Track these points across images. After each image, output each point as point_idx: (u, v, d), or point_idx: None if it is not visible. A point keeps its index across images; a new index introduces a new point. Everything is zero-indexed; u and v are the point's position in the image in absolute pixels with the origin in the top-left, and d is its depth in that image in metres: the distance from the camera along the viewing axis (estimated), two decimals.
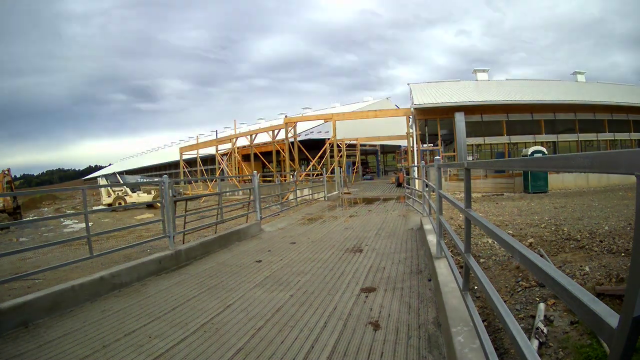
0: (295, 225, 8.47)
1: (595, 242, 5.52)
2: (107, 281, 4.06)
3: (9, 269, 8.52)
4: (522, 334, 1.34)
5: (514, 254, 1.36)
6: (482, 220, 1.88)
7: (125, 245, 6.13)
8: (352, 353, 2.48)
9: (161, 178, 5.36)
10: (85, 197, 4.41)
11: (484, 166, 4.12)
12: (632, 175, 0.71)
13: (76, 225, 17.86)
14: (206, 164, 33.38)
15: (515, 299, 4.17)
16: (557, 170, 6.28)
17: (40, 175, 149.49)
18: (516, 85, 21.77)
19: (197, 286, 4.15)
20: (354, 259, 5.04)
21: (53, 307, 3.44)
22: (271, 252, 5.75)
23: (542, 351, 3.29)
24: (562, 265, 4.74)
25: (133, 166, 58.86)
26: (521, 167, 2.10)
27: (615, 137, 19.03)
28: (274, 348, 2.59)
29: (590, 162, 0.90)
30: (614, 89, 21.88)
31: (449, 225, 3.33)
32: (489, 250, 5.83)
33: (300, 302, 3.49)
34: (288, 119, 21.13)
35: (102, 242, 11.42)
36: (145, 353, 2.61)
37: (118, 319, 3.28)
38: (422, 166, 7.52)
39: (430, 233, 5.15)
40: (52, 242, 5.82)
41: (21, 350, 2.74)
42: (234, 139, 25.71)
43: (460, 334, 2.14)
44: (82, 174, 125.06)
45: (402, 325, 2.86)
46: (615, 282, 3.94)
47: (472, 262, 2.11)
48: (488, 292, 1.73)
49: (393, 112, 20.48)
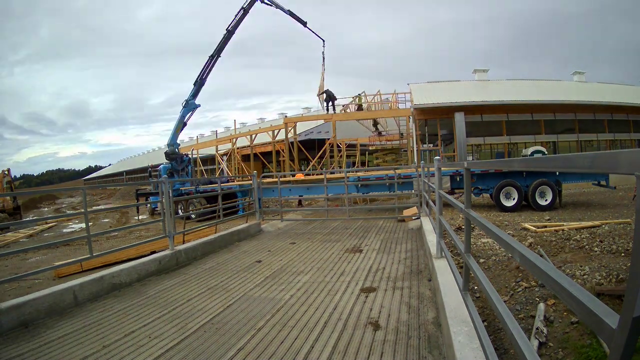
0: (295, 225, 8.47)
1: (595, 242, 5.52)
2: (107, 281, 4.06)
3: (9, 269, 8.52)
4: (522, 334, 1.34)
5: (514, 254, 1.36)
6: (482, 220, 1.88)
7: (125, 246, 6.12)
8: (352, 353, 2.47)
9: (161, 178, 5.37)
10: (85, 197, 4.41)
11: (484, 166, 4.12)
12: (632, 175, 0.71)
13: (76, 225, 17.87)
14: (206, 164, 33.38)
15: (515, 299, 4.18)
16: (557, 171, 6.29)
17: (40, 175, 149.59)
18: (516, 85, 21.77)
19: (197, 286, 4.15)
20: (354, 259, 5.04)
21: (53, 307, 3.44)
22: (271, 252, 5.75)
23: (542, 351, 3.29)
24: (562, 265, 4.75)
25: (133, 166, 58.86)
26: (521, 167, 2.10)
27: (615, 137, 19.04)
28: (274, 348, 2.59)
29: (590, 162, 0.90)
30: (614, 89, 21.87)
31: (449, 226, 3.33)
32: (489, 250, 5.83)
33: (300, 302, 3.49)
34: (288, 119, 21.14)
35: (102, 242, 11.43)
36: (145, 353, 2.61)
37: (118, 319, 3.28)
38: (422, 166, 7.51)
39: (430, 233, 5.15)
40: (52, 242, 5.82)
41: (21, 350, 2.74)
42: (234, 139, 25.71)
43: (460, 334, 2.14)
44: (82, 174, 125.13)
45: (402, 325, 2.86)
46: (615, 282, 3.94)
47: (472, 262, 2.11)
48: (488, 292, 1.73)
49: (393, 112, 20.45)
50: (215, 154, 27.74)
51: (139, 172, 52.44)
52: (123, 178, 59.81)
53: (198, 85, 16.64)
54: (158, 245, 7.33)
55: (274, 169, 23.68)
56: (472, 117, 17.89)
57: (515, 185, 10.26)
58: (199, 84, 16.66)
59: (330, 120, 20.18)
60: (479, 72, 23.60)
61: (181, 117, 16.56)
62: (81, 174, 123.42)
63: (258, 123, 38.25)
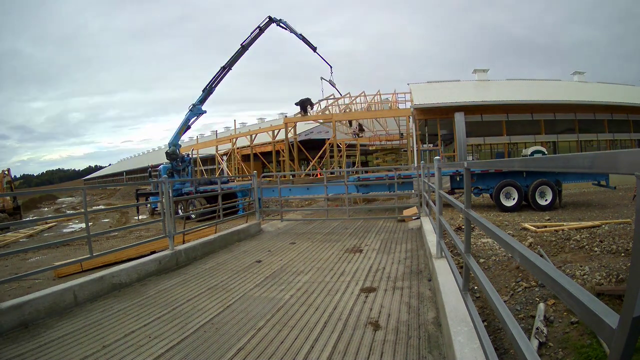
0: (295, 225, 8.47)
1: (595, 242, 5.52)
2: (107, 281, 4.06)
3: (9, 269, 8.52)
4: (522, 334, 1.34)
5: (514, 254, 1.36)
6: (482, 220, 1.88)
7: (125, 246, 6.12)
8: (352, 353, 2.47)
9: (161, 178, 5.37)
10: (85, 197, 4.41)
11: (484, 166, 4.13)
12: (632, 175, 0.71)
13: (76, 225, 17.87)
14: (206, 164, 33.36)
15: (515, 299, 4.17)
16: (557, 171, 6.29)
17: (40, 175, 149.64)
18: (516, 85, 21.77)
19: (197, 286, 4.15)
20: (354, 259, 5.04)
21: (53, 307, 3.44)
22: (271, 252, 5.75)
23: (542, 351, 3.29)
24: (562, 265, 4.75)
25: (133, 166, 58.85)
26: (521, 167, 2.10)
27: (615, 137, 19.03)
28: (273, 348, 2.59)
29: (590, 162, 0.90)
30: (614, 89, 21.89)
31: (448, 226, 3.33)
32: (489, 250, 5.83)
33: (300, 302, 3.49)
34: (288, 119, 21.13)
35: (102, 242, 11.43)
36: (145, 353, 2.61)
37: (118, 319, 3.28)
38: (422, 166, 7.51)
39: (430, 233, 5.15)
40: (52, 242, 5.82)
41: (21, 350, 2.74)
42: (234, 139, 25.71)
43: (460, 334, 2.14)
44: (82, 174, 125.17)
45: (402, 325, 2.86)
46: (615, 282, 3.94)
47: (472, 262, 2.11)
48: (488, 292, 1.73)
49: (393, 112, 20.46)
50: (215, 154, 27.74)
51: (139, 172, 52.42)
52: (123, 178, 59.80)
53: (206, 93, 16.96)
54: (158, 245, 7.33)
55: (274, 169, 23.67)
56: (472, 117, 17.88)
57: (515, 185, 10.26)
58: (208, 91, 16.99)
59: (330, 120, 20.20)
60: (479, 72, 23.61)
61: (186, 119, 16.77)
62: (81, 174, 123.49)
63: (258, 123, 38.23)
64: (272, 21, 17.07)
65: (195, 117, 16.87)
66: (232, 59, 17.01)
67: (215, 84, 17.03)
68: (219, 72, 17.00)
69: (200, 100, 16.83)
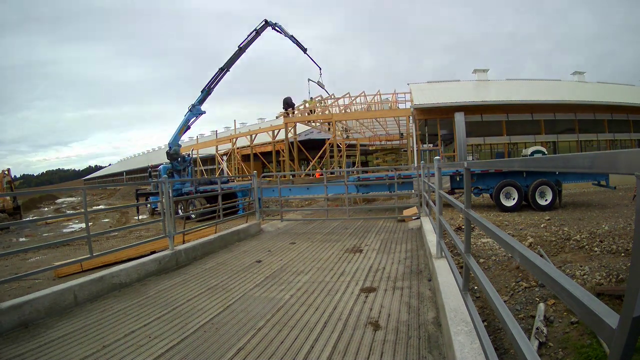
0: (295, 225, 8.47)
1: (595, 242, 5.52)
2: (107, 281, 4.06)
3: (9, 269, 8.52)
4: (522, 334, 1.34)
5: (514, 254, 1.36)
6: (482, 220, 1.88)
7: (125, 246, 6.12)
8: (352, 353, 2.47)
9: (161, 178, 5.37)
10: (85, 197, 4.41)
11: (484, 166, 4.13)
12: (632, 175, 0.71)
13: (76, 225, 17.86)
14: (206, 164, 33.35)
15: (515, 299, 4.18)
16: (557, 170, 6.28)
17: (40, 175, 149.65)
18: (516, 85, 21.77)
19: (197, 286, 4.15)
20: (354, 259, 5.04)
21: (53, 307, 3.45)
22: (271, 252, 5.75)
23: (542, 351, 3.29)
24: (562, 265, 4.75)
25: (133, 166, 58.83)
26: (521, 167, 2.10)
27: (615, 137, 19.03)
28: (274, 348, 2.59)
29: (590, 162, 0.90)
30: (614, 89, 21.88)
31: (448, 226, 3.32)
32: (489, 250, 5.83)
33: (300, 302, 3.49)
34: (288, 119, 21.12)
35: (102, 242, 11.43)
36: (145, 353, 2.61)
37: (118, 319, 3.28)
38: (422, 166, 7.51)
39: (430, 233, 5.15)
40: (52, 242, 5.82)
41: (21, 350, 2.74)
42: (234, 139, 25.70)
43: (460, 334, 2.14)
44: (82, 174, 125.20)
45: (402, 325, 2.86)
46: (615, 282, 3.94)
47: (472, 262, 2.11)
48: (488, 292, 1.72)
49: (393, 112, 20.45)
50: (215, 154, 27.73)
51: (139, 172, 52.41)
52: (123, 178, 59.79)
53: (205, 94, 17.16)
54: (158, 245, 7.33)
55: (274, 169, 23.67)
56: (472, 117, 17.87)
57: (515, 185, 10.26)
58: (207, 92, 17.21)
59: (330, 120, 20.20)
60: (479, 72, 23.60)
61: (185, 120, 16.90)
62: (81, 174, 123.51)
63: (258, 123, 38.20)
64: (268, 24, 17.55)
65: (195, 117, 17.01)
66: (230, 61, 17.27)
67: (213, 85, 17.29)
68: (217, 73, 17.25)
69: (199, 101, 17.00)
